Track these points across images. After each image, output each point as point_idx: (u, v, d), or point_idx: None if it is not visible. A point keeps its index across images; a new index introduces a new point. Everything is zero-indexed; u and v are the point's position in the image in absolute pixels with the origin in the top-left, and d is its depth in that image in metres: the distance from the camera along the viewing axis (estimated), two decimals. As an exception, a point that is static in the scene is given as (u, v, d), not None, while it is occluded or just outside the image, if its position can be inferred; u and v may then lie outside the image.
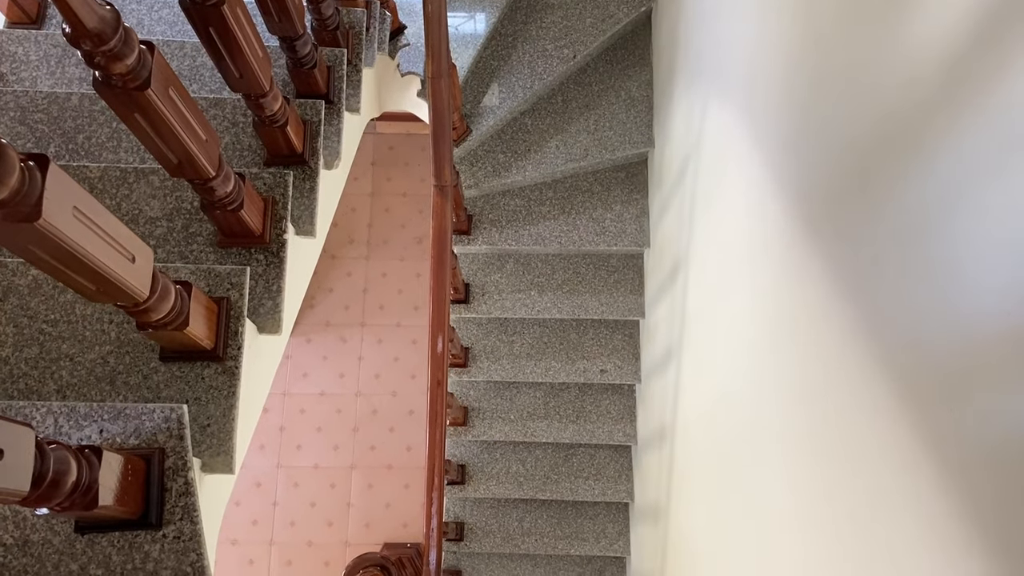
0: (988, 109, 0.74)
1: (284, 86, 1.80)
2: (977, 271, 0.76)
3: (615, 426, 3.21)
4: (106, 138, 1.68)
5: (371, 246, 4.67)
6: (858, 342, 1.02)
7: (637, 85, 2.97)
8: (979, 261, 0.75)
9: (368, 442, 4.39)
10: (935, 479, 0.82)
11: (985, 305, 0.74)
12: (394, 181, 4.75)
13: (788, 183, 1.33)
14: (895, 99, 0.93)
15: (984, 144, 0.75)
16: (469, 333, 3.21)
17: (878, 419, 0.95)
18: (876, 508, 0.96)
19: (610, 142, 2.89)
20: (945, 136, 0.81)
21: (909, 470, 0.88)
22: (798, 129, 1.30)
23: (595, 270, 3.10)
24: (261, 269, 1.48)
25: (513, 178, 2.89)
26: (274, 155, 1.63)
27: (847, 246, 1.07)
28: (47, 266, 0.86)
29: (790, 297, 1.30)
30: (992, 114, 0.73)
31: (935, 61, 0.83)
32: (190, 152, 1.14)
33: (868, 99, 1.01)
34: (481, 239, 2.96)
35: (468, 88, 2.85)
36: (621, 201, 2.99)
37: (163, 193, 1.49)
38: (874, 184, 0.99)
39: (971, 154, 0.77)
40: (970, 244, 0.77)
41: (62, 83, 1.90)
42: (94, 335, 1.25)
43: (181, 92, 1.09)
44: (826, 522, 1.12)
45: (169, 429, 1.03)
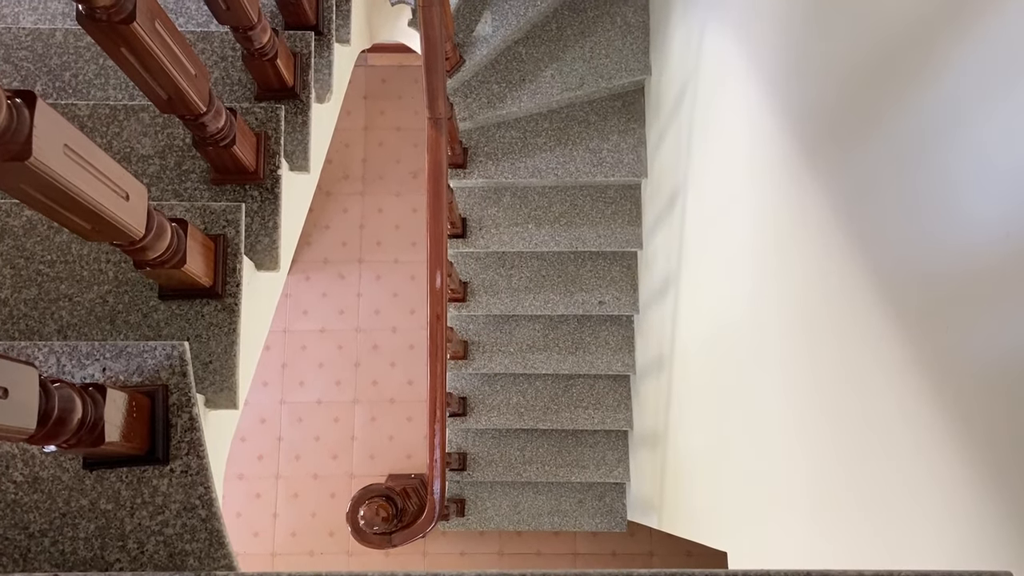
0: (987, 34, 0.72)
1: (272, 18, 1.76)
2: (975, 193, 0.75)
3: (613, 356, 3.24)
4: (94, 75, 1.65)
5: (366, 181, 4.63)
6: (857, 264, 1.02)
7: (633, 10, 2.90)
8: (977, 183, 0.75)
9: (370, 377, 4.44)
10: (929, 395, 0.84)
11: (983, 227, 0.74)
12: (387, 115, 4.68)
13: (787, 107, 1.32)
14: (895, 20, 0.91)
15: (982, 68, 0.74)
16: (467, 268, 3.22)
17: (875, 339, 0.96)
18: (871, 420, 0.98)
19: (606, 70, 2.84)
20: (944, 59, 0.80)
21: (904, 387, 0.89)
22: (797, 52, 1.27)
23: (592, 202, 3.08)
24: (256, 206, 1.47)
25: (508, 109, 2.85)
26: (265, 89, 1.60)
27: (847, 168, 1.07)
28: (41, 205, 0.85)
29: (790, 220, 1.30)
30: (991, 39, 0.72)
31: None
32: (180, 87, 1.12)
33: (868, 21, 0.99)
34: (477, 172, 2.94)
35: (460, 16, 2.78)
36: (618, 131, 2.96)
37: (154, 130, 1.47)
38: (874, 106, 0.98)
39: (970, 77, 0.76)
40: (968, 166, 0.76)
41: (45, 19, 1.86)
42: (92, 275, 1.25)
43: (168, 25, 1.07)
44: (823, 434, 1.15)
45: (171, 366, 1.04)
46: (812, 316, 1.19)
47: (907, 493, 0.90)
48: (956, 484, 0.79)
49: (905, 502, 0.90)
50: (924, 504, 0.86)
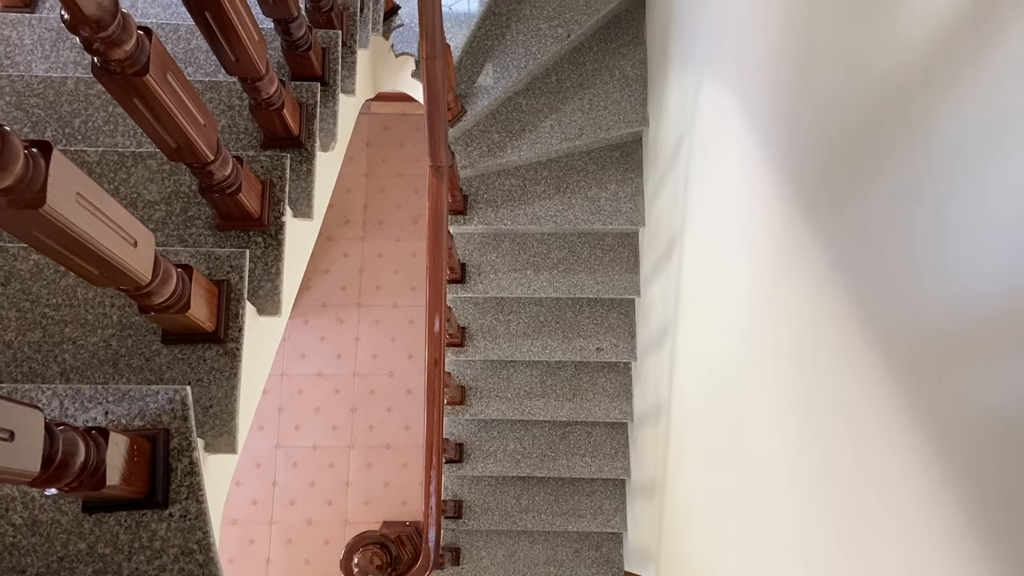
0: (978, 86, 0.75)
1: (279, 68, 1.80)
2: (969, 246, 0.77)
3: (611, 404, 3.24)
4: (103, 122, 1.68)
5: (367, 227, 4.68)
6: (851, 315, 1.04)
7: (631, 64, 2.97)
8: (971, 236, 0.77)
9: (366, 422, 4.43)
10: (923, 446, 0.85)
11: (976, 281, 0.76)
12: (389, 162, 4.75)
13: (782, 158, 1.35)
14: (887, 76, 0.94)
15: (974, 121, 0.76)
16: (466, 313, 3.23)
17: (871, 389, 0.97)
18: (867, 472, 0.99)
19: (604, 121, 2.90)
20: (935, 114, 0.83)
21: (899, 437, 0.90)
22: (792, 106, 1.31)
23: (591, 249, 3.11)
24: (260, 251, 1.49)
25: (508, 158, 2.90)
26: (271, 138, 1.64)
27: (840, 219, 1.09)
28: (51, 251, 0.87)
29: (784, 272, 1.32)
30: (982, 90, 0.74)
31: (926, 38, 0.84)
32: (188, 136, 1.15)
33: (860, 76, 1.02)
34: (477, 219, 2.97)
35: (462, 68, 2.85)
36: (616, 180, 3.00)
37: (161, 177, 1.50)
38: (866, 157, 1.01)
39: (961, 131, 0.78)
40: (962, 219, 0.78)
41: (57, 67, 1.90)
42: (96, 318, 1.26)
43: (179, 77, 1.10)
44: (819, 486, 1.15)
45: (173, 410, 1.05)
46: (807, 367, 1.21)
47: (903, 551, 0.90)
48: (952, 542, 0.79)
49: (901, 560, 0.91)
50: (921, 562, 0.86)
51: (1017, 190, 0.69)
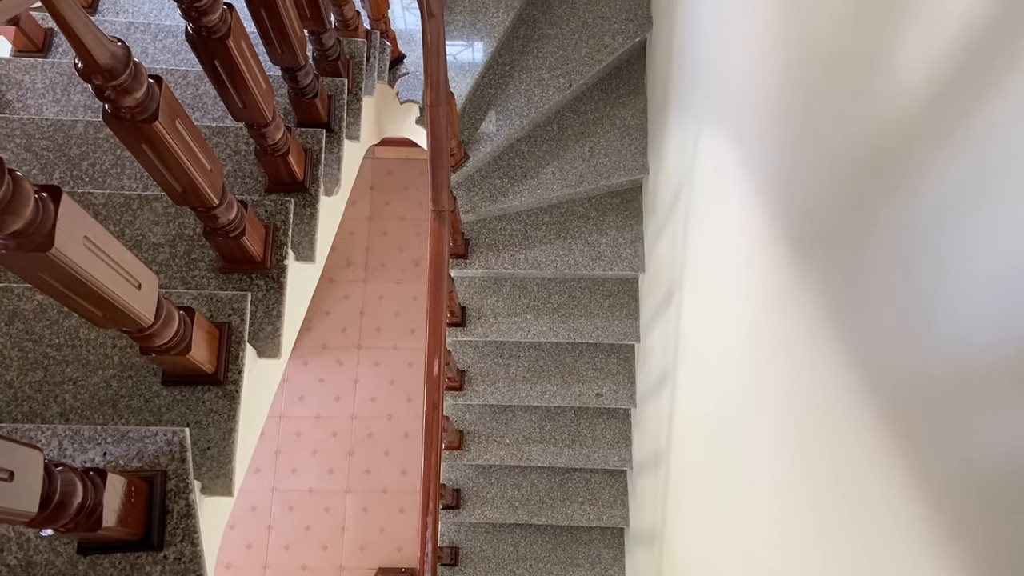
0: (969, 141, 0.77)
1: (286, 115, 1.83)
2: (960, 297, 0.78)
3: (610, 450, 3.22)
4: (110, 165, 1.71)
5: (369, 269, 4.71)
6: (848, 362, 1.05)
7: (632, 113, 3.02)
8: (962, 288, 0.78)
9: (363, 465, 4.40)
10: (918, 496, 0.85)
11: (967, 332, 0.77)
12: (392, 205, 4.79)
13: (779, 208, 1.37)
14: (880, 129, 0.96)
15: (967, 173, 0.78)
16: (465, 356, 3.23)
17: (864, 437, 0.98)
18: (861, 521, 0.99)
19: (605, 169, 2.94)
20: (930, 165, 0.84)
21: (892, 485, 0.90)
22: (788, 157, 1.33)
23: (591, 294, 3.13)
24: (261, 294, 1.50)
25: (509, 203, 2.93)
26: (275, 182, 1.66)
27: (836, 268, 1.10)
28: (56, 293, 0.88)
29: (783, 320, 1.33)
30: (973, 145, 0.76)
31: (921, 91, 0.86)
32: (195, 181, 1.17)
33: (856, 129, 1.04)
34: (478, 263, 2.99)
35: (466, 115, 2.89)
36: (616, 226, 3.03)
37: (166, 220, 1.52)
38: (864, 209, 1.02)
39: (954, 183, 0.80)
40: (953, 271, 0.80)
41: (67, 111, 1.93)
42: (97, 359, 1.27)
43: (187, 123, 1.12)
44: (815, 534, 1.14)
45: (171, 452, 1.06)
46: (803, 415, 1.21)
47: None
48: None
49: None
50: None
51: (1007, 243, 0.70)
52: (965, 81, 0.77)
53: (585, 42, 2.98)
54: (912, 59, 0.88)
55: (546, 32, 3.01)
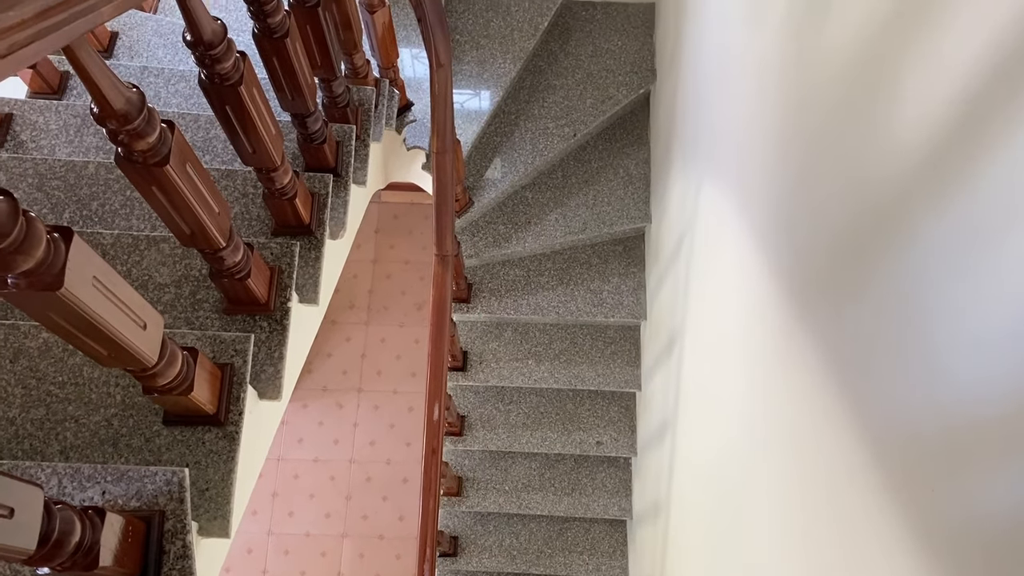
0: (963, 199, 0.78)
1: (294, 159, 1.86)
2: (959, 358, 0.79)
3: (610, 500, 3.19)
4: (119, 205, 1.73)
5: (371, 312, 4.72)
6: (848, 414, 1.05)
7: (635, 163, 3.06)
8: (961, 344, 0.79)
9: (360, 510, 4.36)
10: (916, 552, 0.84)
11: (966, 391, 0.77)
12: (396, 248, 4.82)
13: (780, 260, 1.38)
14: (878, 185, 0.98)
15: (962, 231, 0.79)
16: (466, 401, 3.23)
17: (864, 491, 0.98)
18: None
19: (608, 217, 2.97)
20: (925, 223, 0.86)
21: (893, 541, 0.90)
22: (789, 211, 1.35)
23: (592, 341, 3.13)
24: (264, 336, 1.51)
25: (513, 249, 2.95)
26: (282, 225, 1.69)
27: (836, 321, 1.11)
28: (62, 331, 0.89)
29: (782, 370, 1.34)
30: (967, 204, 0.78)
31: (916, 149, 0.88)
32: (203, 223, 1.19)
33: (853, 184, 1.06)
34: (480, 307, 3.00)
35: (471, 162, 2.94)
36: (619, 274, 3.05)
37: (173, 260, 1.53)
38: (861, 264, 1.04)
39: (950, 241, 0.81)
40: (951, 331, 0.81)
41: (80, 151, 1.97)
42: (100, 398, 1.28)
43: (197, 167, 1.15)
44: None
45: (170, 492, 1.06)
46: (803, 469, 1.21)
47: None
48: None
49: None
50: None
51: (1003, 303, 0.71)
52: (960, 140, 0.79)
53: (590, 93, 3.03)
54: (907, 118, 0.90)
55: (552, 83, 3.07)
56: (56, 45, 0.78)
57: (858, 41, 1.05)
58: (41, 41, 0.74)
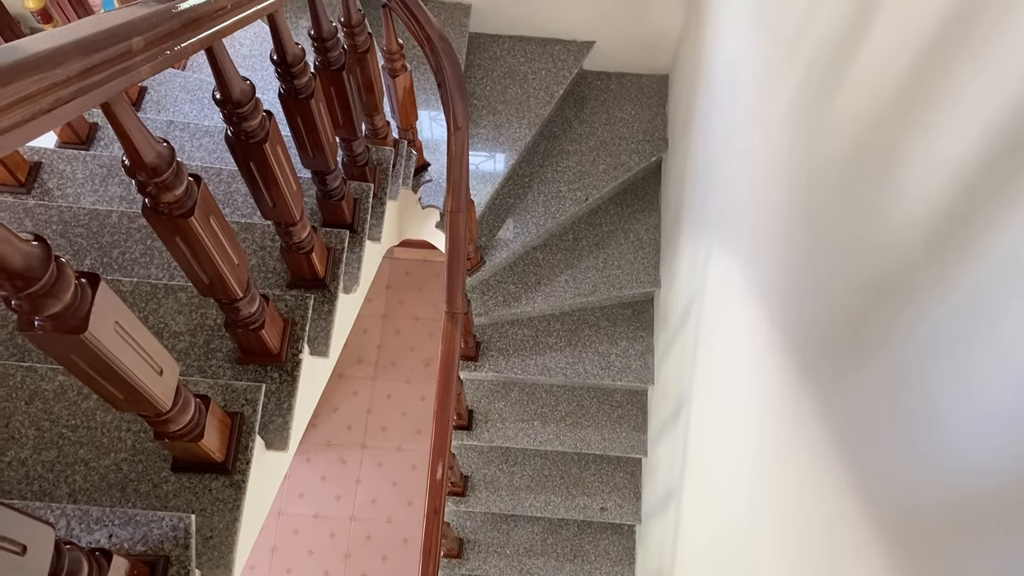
0: (965, 279, 0.80)
1: (312, 214, 1.91)
2: (959, 428, 0.80)
3: (613, 568, 3.14)
4: (139, 254, 1.77)
5: (379, 367, 4.73)
6: (852, 487, 1.05)
7: (645, 228, 3.10)
8: (961, 417, 0.80)
9: (359, 569, 4.29)
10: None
11: (967, 461, 0.78)
12: (407, 304, 4.86)
13: (787, 330, 1.40)
14: (884, 263, 1.00)
15: (962, 312, 0.81)
16: (470, 461, 3.21)
17: (866, 563, 0.97)
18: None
19: (618, 280, 3.00)
20: (928, 300, 0.88)
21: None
22: (796, 282, 1.37)
23: (599, 404, 3.13)
24: (274, 387, 1.53)
25: (522, 308, 2.98)
26: (297, 278, 1.72)
27: (842, 396, 1.12)
28: (82, 374, 0.92)
29: (788, 440, 1.34)
30: (969, 283, 0.80)
31: (919, 228, 0.90)
32: (222, 274, 1.22)
33: (860, 261, 1.09)
34: (488, 366, 3.01)
35: (484, 222, 2.98)
36: (627, 337, 3.06)
37: (189, 309, 1.56)
38: (865, 338, 1.05)
39: (950, 319, 0.83)
40: (952, 403, 0.82)
41: (104, 200, 2.02)
42: (111, 442, 1.29)
43: (220, 220, 1.18)
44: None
45: (176, 538, 1.06)
46: (806, 539, 1.21)
47: None
48: None
49: None
50: None
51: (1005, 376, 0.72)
52: (960, 221, 0.81)
53: (603, 159, 3.10)
54: (910, 197, 0.93)
55: (565, 148, 3.14)
56: (97, 101, 0.82)
57: (862, 124, 1.09)
58: (83, 97, 0.78)
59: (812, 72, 1.33)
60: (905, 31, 0.97)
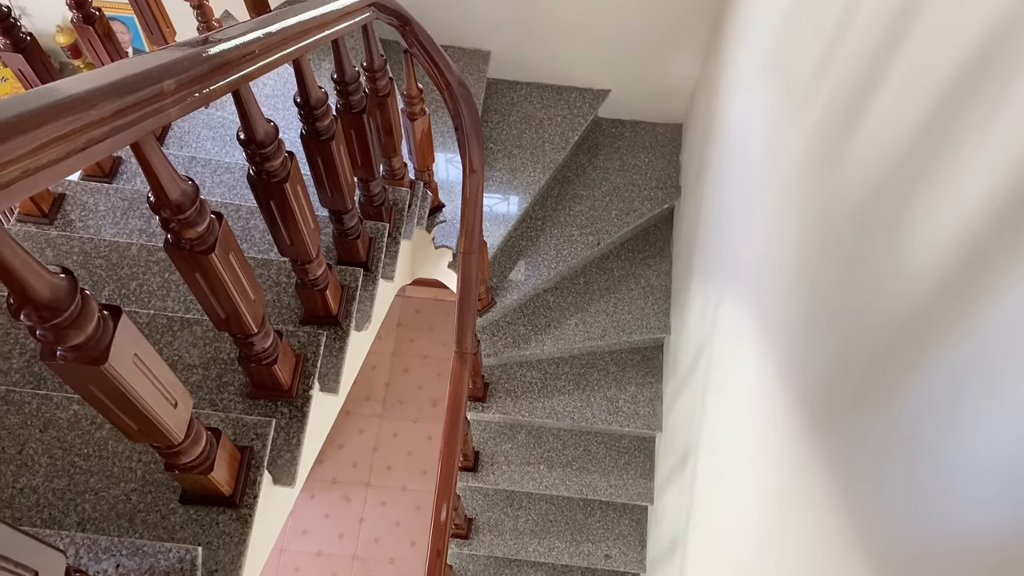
0: (970, 336, 0.82)
1: (327, 252, 1.94)
2: (962, 485, 0.81)
3: (616, 615, 3.10)
4: (157, 287, 1.80)
5: (387, 405, 4.72)
6: (855, 540, 1.05)
7: (656, 274, 3.12)
8: (964, 476, 0.81)
9: (360, 610, 4.24)
10: None
11: (970, 515, 0.79)
12: (417, 343, 4.87)
13: (793, 382, 1.41)
14: (891, 320, 1.01)
15: (965, 371, 0.82)
16: (474, 503, 3.19)
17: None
18: None
19: (628, 325, 3.01)
20: (934, 357, 0.89)
21: None
22: (803, 333, 1.38)
23: (606, 450, 3.12)
24: (284, 422, 1.54)
25: (532, 351, 2.99)
26: (311, 315, 1.74)
27: (848, 446, 1.13)
28: (99, 403, 0.93)
29: (794, 491, 1.34)
30: (974, 340, 0.81)
31: (926, 285, 0.92)
32: (238, 309, 1.24)
33: (867, 314, 1.10)
34: (495, 407, 3.01)
35: (496, 263, 3.01)
36: (636, 383, 3.06)
37: (204, 343, 1.59)
38: (872, 391, 1.06)
39: (953, 378, 0.84)
40: (955, 457, 0.82)
41: (124, 233, 2.06)
42: (122, 472, 1.31)
43: (239, 257, 1.21)
44: None
45: (182, 569, 1.07)
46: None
47: None
48: None
49: None
50: None
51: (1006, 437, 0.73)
52: (964, 288, 0.83)
53: (615, 205, 3.13)
54: (918, 255, 0.94)
55: (579, 193, 3.18)
56: (128, 141, 0.85)
57: (873, 179, 1.11)
58: (115, 137, 0.81)
59: (824, 126, 1.36)
60: (915, 92, 1.00)
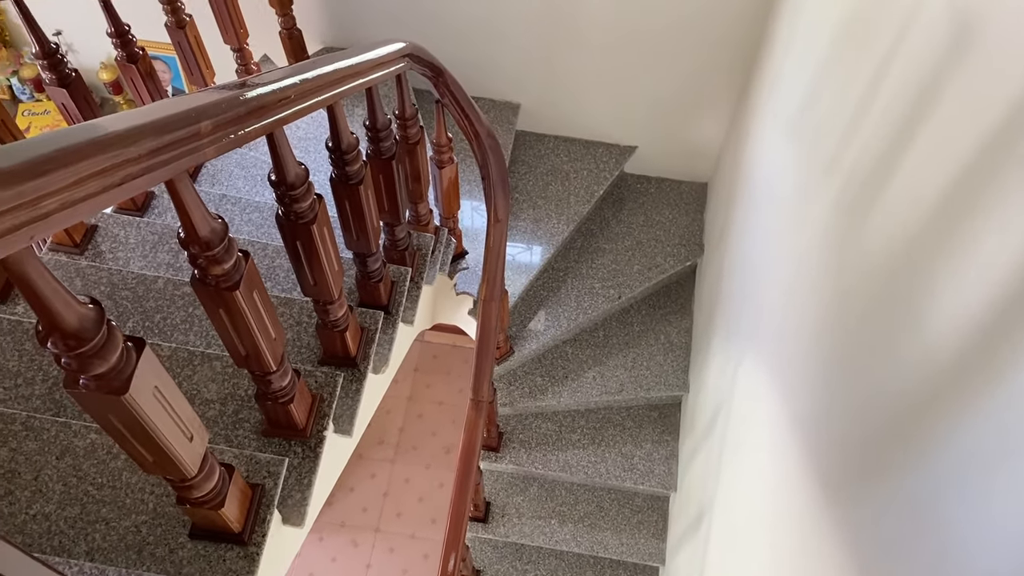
0: (988, 410, 0.81)
1: (349, 294, 1.95)
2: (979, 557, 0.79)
3: None
4: (180, 320, 1.83)
5: (399, 450, 4.70)
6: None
7: (677, 331, 3.11)
8: (980, 547, 0.79)
9: (362, 658, 4.17)
10: None
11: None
12: (433, 388, 4.86)
13: (810, 447, 1.39)
14: (909, 389, 1.01)
15: (982, 443, 0.81)
16: (483, 555, 3.15)
17: None
18: None
19: (646, 381, 2.99)
20: (953, 429, 0.88)
21: None
22: (822, 399, 1.37)
23: (619, 507, 3.07)
24: (297, 461, 1.54)
25: (548, 402, 2.98)
26: (329, 355, 1.75)
27: (863, 517, 1.11)
28: (116, 433, 0.94)
29: (807, 558, 1.31)
30: (989, 417, 0.80)
31: (945, 356, 0.91)
32: (259, 347, 1.25)
33: (885, 383, 1.09)
34: (509, 458, 2.99)
35: (516, 312, 3.02)
36: (652, 440, 3.03)
37: (223, 378, 1.60)
38: (885, 462, 1.05)
39: (970, 450, 0.83)
40: (971, 529, 0.81)
41: (152, 266, 2.09)
42: (134, 503, 1.31)
43: (263, 295, 1.23)
44: None
45: (186, 607, 1.07)
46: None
47: None
48: None
49: None
50: None
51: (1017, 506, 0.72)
52: (987, 352, 0.82)
53: (638, 260, 3.14)
54: (937, 325, 0.94)
55: (602, 246, 3.19)
56: (163, 178, 0.88)
57: (894, 249, 1.12)
58: (152, 174, 0.83)
59: (846, 197, 1.37)
60: (938, 165, 1.01)
